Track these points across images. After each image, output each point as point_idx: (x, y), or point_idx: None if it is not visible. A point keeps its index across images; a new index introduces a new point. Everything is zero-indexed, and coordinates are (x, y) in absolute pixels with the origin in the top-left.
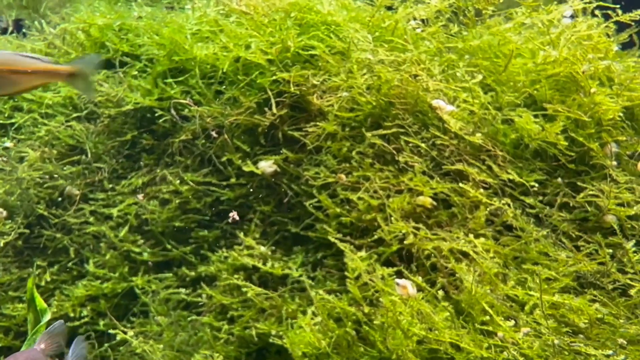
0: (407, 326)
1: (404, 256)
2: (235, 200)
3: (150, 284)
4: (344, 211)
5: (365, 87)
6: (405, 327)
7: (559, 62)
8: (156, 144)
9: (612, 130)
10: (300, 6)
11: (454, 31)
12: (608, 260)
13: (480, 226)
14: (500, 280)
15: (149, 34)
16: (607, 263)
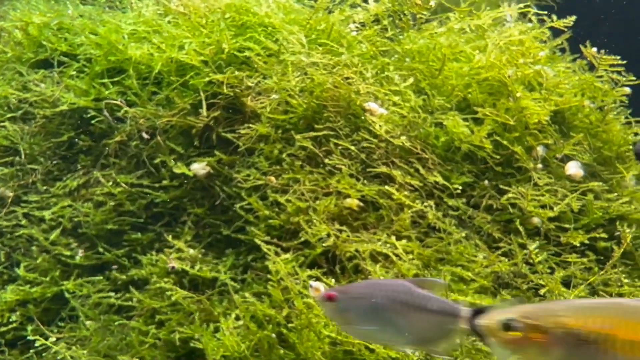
0: (320, 328)
1: (330, 258)
2: (170, 203)
3: (82, 287)
4: (273, 213)
5: (298, 89)
6: (318, 329)
7: (488, 66)
8: (94, 145)
9: (538, 134)
10: (236, 7)
11: (389, 35)
12: (520, 261)
13: (405, 228)
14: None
15: (86, 33)
16: (518, 264)
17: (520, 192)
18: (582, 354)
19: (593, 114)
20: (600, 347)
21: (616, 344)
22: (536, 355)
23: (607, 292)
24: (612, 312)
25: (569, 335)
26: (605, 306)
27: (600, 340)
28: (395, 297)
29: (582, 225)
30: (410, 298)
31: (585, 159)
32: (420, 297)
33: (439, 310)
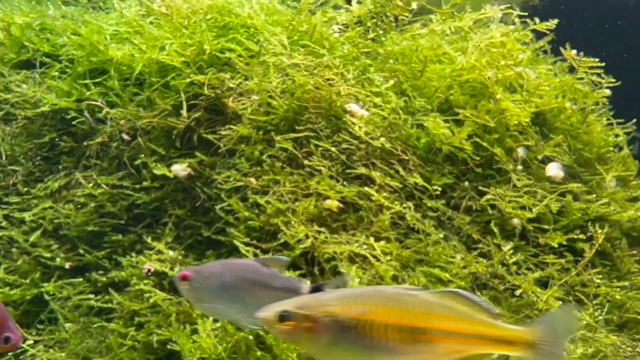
0: None
1: (309, 260)
2: (151, 204)
3: (62, 290)
4: (253, 215)
5: (279, 90)
6: None
7: (469, 68)
8: (76, 146)
9: (518, 136)
10: (218, 8)
11: (371, 36)
12: (496, 262)
13: (385, 229)
14: (398, 282)
15: (69, 34)
16: (495, 265)
17: (499, 193)
18: (346, 338)
19: (574, 116)
20: (360, 331)
21: (373, 328)
22: (309, 343)
23: (585, 293)
24: (370, 299)
25: (334, 322)
26: (367, 294)
27: (360, 325)
28: (244, 276)
29: (562, 226)
30: (257, 276)
31: (566, 160)
32: (266, 276)
33: (283, 287)
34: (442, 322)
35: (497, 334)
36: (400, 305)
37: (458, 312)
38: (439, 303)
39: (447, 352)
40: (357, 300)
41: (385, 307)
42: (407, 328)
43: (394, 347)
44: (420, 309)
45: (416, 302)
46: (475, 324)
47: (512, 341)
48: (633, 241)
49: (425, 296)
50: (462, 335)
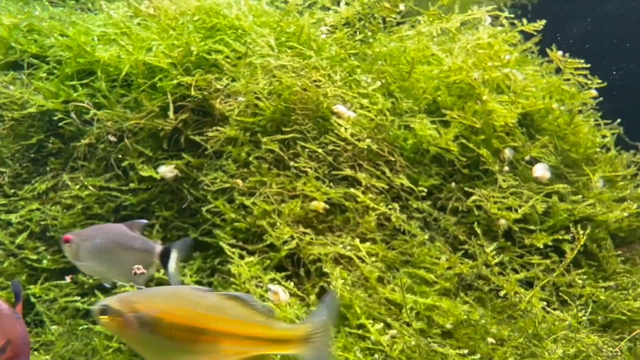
0: None
1: (295, 261)
2: (138, 206)
3: (49, 292)
4: (239, 217)
5: (266, 92)
6: None
7: (456, 69)
8: (64, 147)
9: (505, 137)
10: (206, 10)
11: (359, 38)
12: (480, 263)
13: (371, 230)
14: (383, 284)
15: (56, 35)
16: (479, 266)
17: (484, 195)
18: (146, 335)
19: (562, 117)
20: (154, 328)
21: (163, 326)
22: (122, 337)
23: (570, 293)
24: (167, 299)
25: (137, 318)
26: (166, 293)
27: (154, 322)
28: (111, 238)
29: (548, 227)
30: (122, 239)
31: (552, 161)
32: (128, 237)
33: (141, 248)
34: (222, 323)
35: (273, 335)
36: (188, 306)
37: (237, 314)
38: (221, 305)
39: (228, 353)
40: (157, 299)
41: (176, 306)
42: (189, 328)
43: (179, 346)
44: (202, 310)
45: (201, 303)
46: (252, 326)
47: (287, 340)
48: (620, 241)
49: (211, 298)
50: (241, 337)
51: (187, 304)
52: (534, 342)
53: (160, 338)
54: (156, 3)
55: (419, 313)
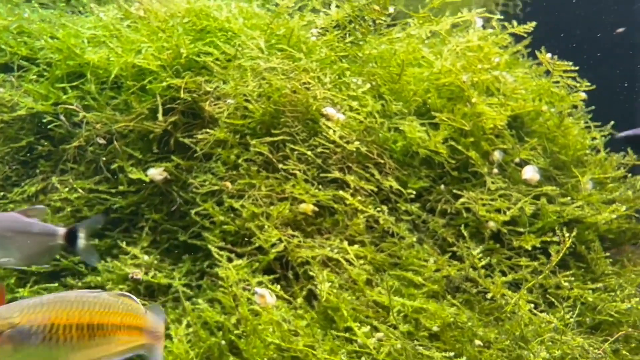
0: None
1: (284, 264)
2: (127, 208)
3: (38, 295)
4: (228, 219)
5: (256, 94)
6: (263, 335)
7: (446, 72)
8: (53, 150)
9: (494, 139)
10: (196, 12)
11: (349, 40)
12: (467, 266)
13: (360, 232)
14: (372, 286)
15: (46, 37)
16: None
17: (472, 197)
18: (31, 345)
19: (552, 119)
20: (45, 335)
21: (58, 330)
22: None
23: (558, 295)
24: (54, 305)
25: (16, 332)
26: (51, 301)
27: (45, 330)
28: (4, 226)
29: (537, 229)
30: (17, 224)
31: (541, 163)
32: (25, 223)
33: (40, 232)
34: (114, 317)
35: None
36: (81, 307)
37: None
38: (113, 302)
39: (121, 343)
40: (40, 309)
41: (67, 310)
42: (87, 325)
43: (77, 344)
44: (96, 308)
45: (94, 302)
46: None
47: None
48: (610, 243)
49: (104, 297)
50: (130, 328)
51: (80, 305)
52: (521, 344)
53: (53, 343)
54: (146, 5)
55: (407, 316)
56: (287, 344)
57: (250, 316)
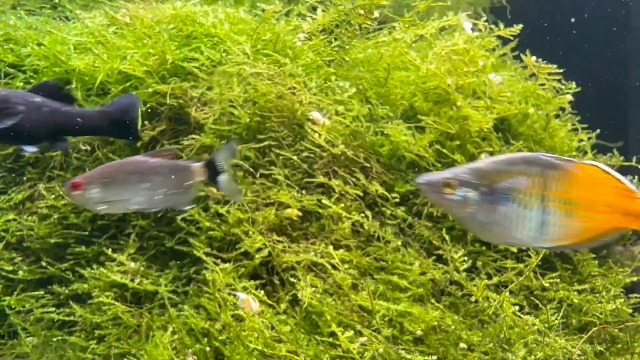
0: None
1: (270, 269)
2: (114, 215)
3: (25, 302)
4: (214, 225)
5: (242, 99)
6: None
7: (431, 75)
8: (41, 157)
9: (480, 142)
10: (182, 18)
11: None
12: (451, 269)
13: (345, 237)
14: (357, 291)
15: (32, 44)
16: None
17: None
18: None
19: (539, 122)
20: None
21: None
22: None
23: (544, 297)
24: None
25: None
26: None
27: None
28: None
29: None
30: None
31: None
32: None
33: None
34: None
35: None
36: None
37: None
38: None
39: None
40: None
41: None
42: None
43: None
44: None
45: None
46: None
47: None
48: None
49: None
50: None
51: None
52: (504, 346)
53: None
54: (132, 12)
55: (392, 320)
56: (271, 350)
57: (233, 322)
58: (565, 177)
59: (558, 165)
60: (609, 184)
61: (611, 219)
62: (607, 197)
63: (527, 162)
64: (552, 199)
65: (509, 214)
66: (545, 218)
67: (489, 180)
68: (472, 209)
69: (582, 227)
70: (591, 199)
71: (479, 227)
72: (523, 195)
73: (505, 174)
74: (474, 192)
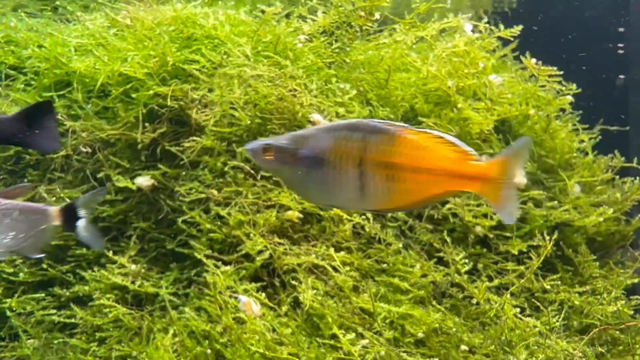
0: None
1: (271, 271)
2: (115, 217)
3: (25, 305)
4: (215, 227)
5: (242, 101)
6: (247, 344)
7: (432, 77)
8: (41, 159)
9: (480, 144)
10: (182, 20)
11: (336, 47)
12: (452, 271)
13: (346, 239)
14: (358, 293)
15: (33, 46)
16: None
17: (458, 203)
18: None
19: (540, 123)
20: None
21: None
22: None
23: (545, 299)
24: None
25: None
26: None
27: None
28: None
29: (525, 233)
30: None
31: (529, 167)
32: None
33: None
34: None
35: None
36: None
37: None
38: None
39: None
40: None
41: None
42: None
43: None
44: None
45: None
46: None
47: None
48: (599, 245)
49: None
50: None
51: None
52: (506, 348)
53: None
54: (133, 14)
55: (393, 322)
56: (272, 352)
57: (234, 325)
58: (389, 141)
59: (381, 129)
60: (439, 148)
61: (441, 182)
62: (436, 162)
63: (350, 127)
64: (372, 163)
65: (325, 177)
66: (365, 182)
67: (307, 146)
68: (289, 172)
69: (408, 190)
70: (417, 163)
71: (302, 190)
72: (339, 160)
73: (325, 140)
74: (291, 157)
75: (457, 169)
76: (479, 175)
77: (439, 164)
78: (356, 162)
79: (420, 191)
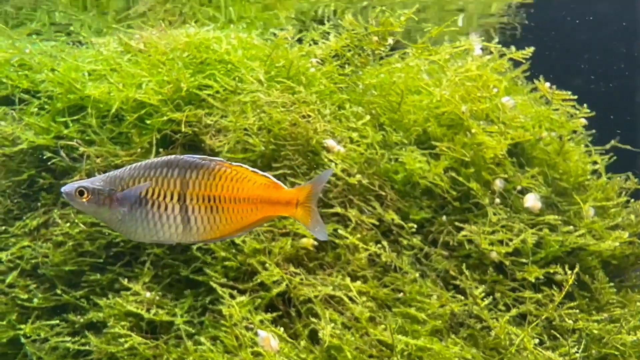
0: None
1: (286, 300)
2: (129, 242)
3: (40, 331)
4: (230, 255)
5: (256, 127)
6: None
7: (445, 100)
8: (55, 182)
9: (495, 168)
10: (196, 45)
11: (348, 70)
12: (470, 303)
13: (362, 267)
14: (375, 323)
15: (47, 71)
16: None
17: (474, 230)
18: None
19: (552, 145)
20: None
21: None
22: None
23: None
24: None
25: None
26: None
27: None
28: None
29: (540, 258)
30: None
31: (543, 191)
32: None
33: None
34: None
35: None
36: None
37: None
38: None
39: None
40: None
41: None
42: None
43: None
44: None
45: None
46: None
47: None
48: (614, 268)
49: None
50: None
51: None
52: None
53: None
54: (146, 39)
55: (411, 354)
56: None
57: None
58: (207, 176)
59: (199, 165)
60: (253, 179)
61: (259, 209)
62: (252, 191)
63: (168, 165)
64: (193, 197)
65: (147, 215)
66: (188, 216)
67: (122, 186)
68: (108, 214)
69: (230, 219)
70: (236, 194)
71: (124, 229)
72: (159, 197)
73: (141, 179)
74: (107, 199)
75: (272, 196)
76: (292, 200)
77: (256, 193)
78: (177, 198)
79: (242, 219)
